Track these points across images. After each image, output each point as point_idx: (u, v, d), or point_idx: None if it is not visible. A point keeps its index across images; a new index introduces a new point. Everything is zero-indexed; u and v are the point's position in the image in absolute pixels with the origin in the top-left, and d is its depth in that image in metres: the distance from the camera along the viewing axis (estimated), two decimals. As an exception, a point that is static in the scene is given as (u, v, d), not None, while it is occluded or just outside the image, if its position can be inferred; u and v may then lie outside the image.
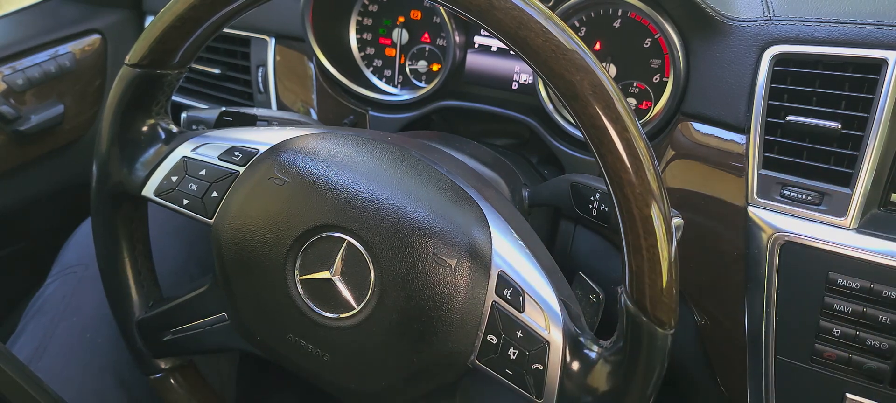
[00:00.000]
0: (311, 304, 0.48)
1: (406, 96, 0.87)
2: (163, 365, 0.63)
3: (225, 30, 0.67)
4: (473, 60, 0.85)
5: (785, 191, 0.62)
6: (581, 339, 0.45)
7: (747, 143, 0.64)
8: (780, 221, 0.62)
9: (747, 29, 0.64)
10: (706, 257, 0.69)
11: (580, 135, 0.76)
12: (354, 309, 0.47)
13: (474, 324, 0.45)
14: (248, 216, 0.50)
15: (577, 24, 0.77)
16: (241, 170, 0.52)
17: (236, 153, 0.53)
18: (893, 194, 0.60)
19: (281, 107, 0.95)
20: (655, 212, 0.39)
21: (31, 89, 1.00)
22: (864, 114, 0.58)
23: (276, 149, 0.52)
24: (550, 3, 0.76)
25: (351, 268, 0.47)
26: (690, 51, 0.69)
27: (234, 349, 0.56)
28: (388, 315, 0.46)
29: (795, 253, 0.62)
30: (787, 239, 0.62)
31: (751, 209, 0.64)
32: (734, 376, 0.70)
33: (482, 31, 0.84)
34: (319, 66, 0.89)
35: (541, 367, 0.44)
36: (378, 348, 0.47)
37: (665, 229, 0.39)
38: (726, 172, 0.66)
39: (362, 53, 0.92)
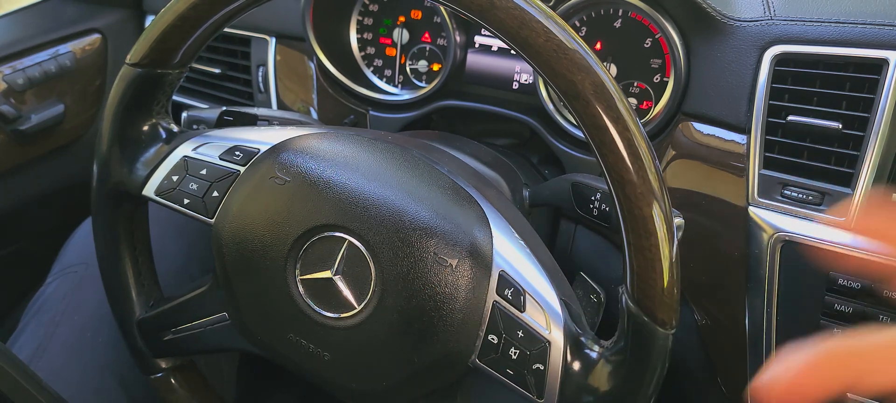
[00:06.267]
0: (311, 304, 0.48)
1: (406, 96, 0.87)
2: (163, 365, 0.62)
3: (225, 29, 0.67)
4: (474, 60, 0.85)
5: (786, 191, 0.62)
6: (582, 339, 0.45)
7: (748, 143, 0.64)
8: (780, 221, 0.62)
9: (748, 29, 0.64)
10: (707, 257, 0.69)
11: (581, 134, 0.77)
12: (355, 308, 0.47)
13: (475, 324, 0.45)
14: (249, 216, 0.50)
15: (578, 24, 0.77)
16: (242, 169, 0.52)
17: (237, 152, 0.53)
18: (894, 194, 0.60)
19: (281, 106, 0.95)
20: (657, 212, 0.39)
21: (32, 89, 1.00)
22: (865, 114, 0.58)
23: (276, 149, 0.52)
24: (551, 3, 0.76)
25: (352, 268, 0.47)
26: (691, 51, 0.69)
27: (235, 349, 0.56)
28: (389, 314, 0.46)
29: (796, 253, 0.62)
30: (787, 238, 0.62)
31: (751, 209, 0.64)
32: (735, 376, 0.70)
33: (483, 31, 0.84)
34: (320, 65, 0.89)
35: (542, 367, 0.44)
36: (379, 348, 0.47)
37: (666, 229, 0.39)
38: (727, 172, 0.66)
39: (363, 53, 0.92)
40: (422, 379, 0.48)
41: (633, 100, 0.77)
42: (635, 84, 0.76)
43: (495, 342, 0.45)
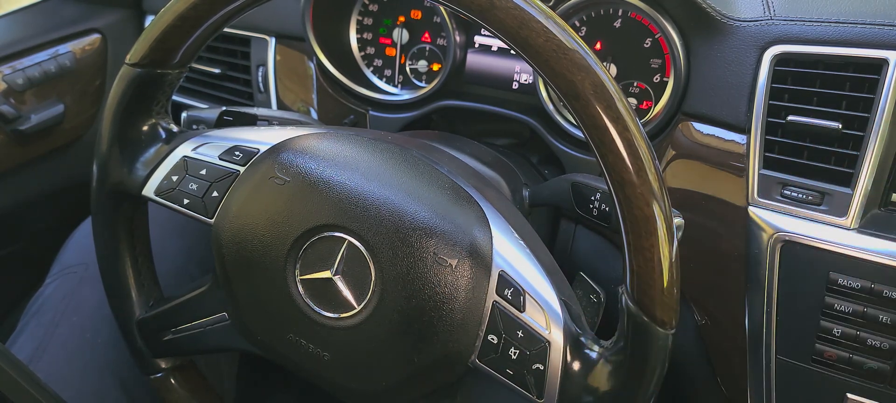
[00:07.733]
0: (311, 304, 0.48)
1: (406, 96, 0.87)
2: (163, 365, 0.62)
3: (225, 29, 0.67)
4: (474, 60, 0.85)
5: (785, 191, 0.62)
6: (582, 339, 0.45)
7: (748, 143, 0.64)
8: (780, 221, 0.62)
9: (748, 29, 0.64)
10: (707, 257, 0.69)
11: (580, 134, 0.77)
12: (355, 308, 0.47)
13: (475, 324, 0.45)
14: (249, 216, 0.50)
15: (578, 24, 0.77)
16: (242, 169, 0.52)
17: (237, 153, 0.53)
18: (894, 194, 0.60)
19: (281, 106, 0.95)
20: (656, 212, 0.39)
21: (32, 89, 1.00)
22: (865, 114, 0.58)
23: (276, 149, 0.52)
24: (551, 3, 0.76)
25: (351, 268, 0.47)
26: (691, 51, 0.69)
27: (235, 349, 0.56)
28: (389, 314, 0.46)
29: (796, 253, 0.62)
30: (787, 238, 0.62)
31: (751, 209, 0.64)
32: (735, 376, 0.70)
33: (483, 31, 0.84)
34: (320, 65, 0.89)
35: (541, 367, 0.44)
36: (378, 348, 0.47)
37: (666, 229, 0.39)
38: (727, 172, 0.66)
39: (362, 53, 0.92)
40: (422, 379, 0.48)
41: (633, 100, 0.77)
42: (635, 84, 0.76)
43: (495, 342, 0.45)
